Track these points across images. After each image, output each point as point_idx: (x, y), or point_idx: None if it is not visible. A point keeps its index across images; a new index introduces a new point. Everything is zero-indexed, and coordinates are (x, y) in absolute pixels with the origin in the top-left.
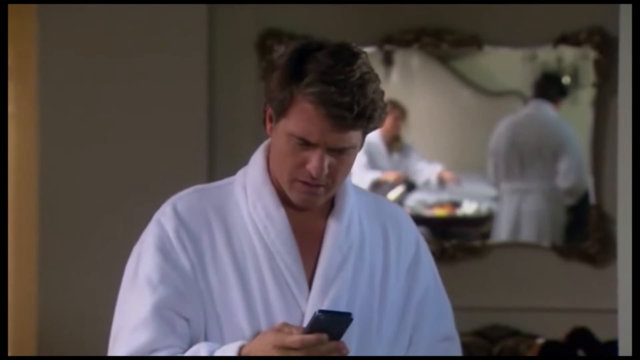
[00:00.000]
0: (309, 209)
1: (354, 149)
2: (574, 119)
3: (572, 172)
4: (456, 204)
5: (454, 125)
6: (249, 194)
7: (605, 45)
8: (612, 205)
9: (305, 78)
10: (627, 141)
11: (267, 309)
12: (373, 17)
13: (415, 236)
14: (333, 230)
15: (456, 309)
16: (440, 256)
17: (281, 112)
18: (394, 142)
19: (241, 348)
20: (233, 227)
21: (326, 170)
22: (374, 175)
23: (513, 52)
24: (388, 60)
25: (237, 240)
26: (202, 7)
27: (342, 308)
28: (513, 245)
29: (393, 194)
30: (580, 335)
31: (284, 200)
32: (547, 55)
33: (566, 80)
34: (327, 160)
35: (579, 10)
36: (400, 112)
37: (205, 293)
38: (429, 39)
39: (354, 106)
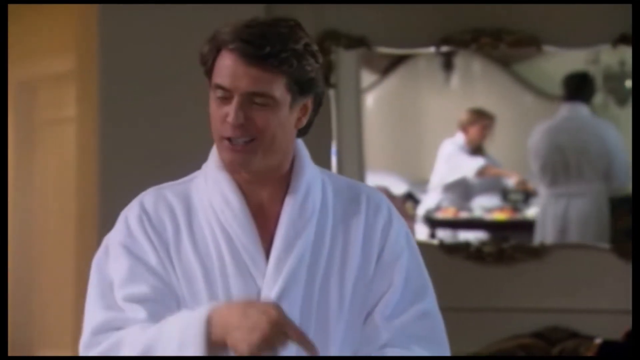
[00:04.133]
0: (241, 171)
1: (276, 102)
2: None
3: (619, 171)
4: (517, 208)
5: (516, 129)
6: (208, 181)
7: None
8: None
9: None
10: None
11: (227, 290)
12: (431, 18)
13: (387, 211)
14: (287, 209)
15: (515, 310)
16: (499, 257)
17: (208, 71)
18: (478, 152)
19: (210, 315)
20: (196, 215)
21: (242, 120)
22: (479, 162)
23: (575, 56)
24: (448, 65)
25: (199, 226)
26: (260, 7)
27: (299, 284)
28: (572, 247)
29: (514, 196)
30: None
31: (243, 184)
32: (610, 58)
33: (629, 83)
34: (244, 110)
35: None
36: (488, 120)
37: (174, 280)
38: (487, 40)
39: (264, 45)
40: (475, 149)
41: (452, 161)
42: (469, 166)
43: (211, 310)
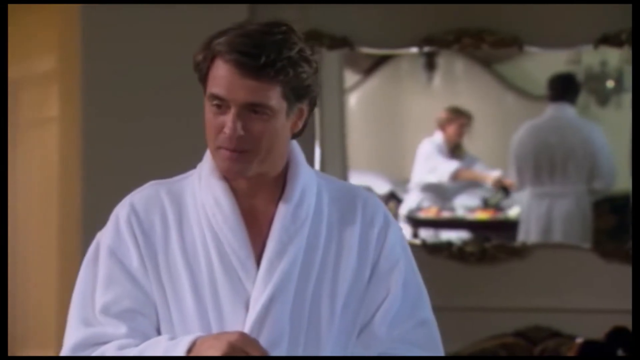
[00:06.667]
0: (237, 178)
1: (273, 111)
2: (617, 122)
3: (604, 172)
4: (499, 208)
5: (498, 129)
6: (202, 183)
7: None
8: None
9: (222, 36)
10: None
11: (214, 294)
12: (413, 18)
13: (383, 217)
14: (280, 214)
15: (498, 309)
16: (482, 257)
17: (202, 78)
18: (456, 150)
19: (193, 343)
20: (187, 216)
21: (241, 132)
22: (453, 165)
23: (556, 56)
24: (430, 65)
25: (189, 229)
26: (243, 7)
27: (290, 289)
28: (554, 246)
29: (494, 199)
30: (620, 335)
31: (236, 188)
32: (591, 59)
33: (610, 84)
34: (242, 121)
35: (621, 11)
36: (466, 119)
37: (156, 285)
38: (469, 40)
39: (260, 55)
40: (454, 148)
41: (429, 163)
42: (442, 170)
43: (193, 339)
